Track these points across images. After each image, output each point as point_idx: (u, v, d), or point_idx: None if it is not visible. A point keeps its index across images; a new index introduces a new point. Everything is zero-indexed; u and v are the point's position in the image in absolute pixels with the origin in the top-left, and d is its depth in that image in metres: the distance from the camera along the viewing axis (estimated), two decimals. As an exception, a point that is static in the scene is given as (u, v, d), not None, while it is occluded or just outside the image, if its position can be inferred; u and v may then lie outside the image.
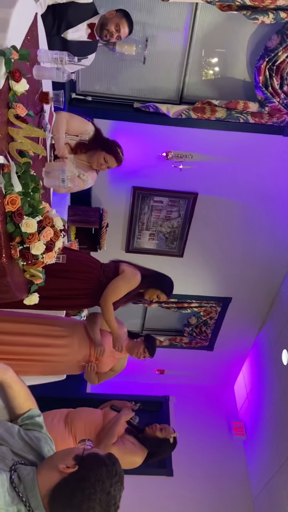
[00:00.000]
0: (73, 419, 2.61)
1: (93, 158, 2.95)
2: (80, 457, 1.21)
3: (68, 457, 1.22)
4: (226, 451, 5.81)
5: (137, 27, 3.30)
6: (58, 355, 2.58)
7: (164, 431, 2.74)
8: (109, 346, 2.68)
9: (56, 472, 1.18)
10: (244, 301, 5.38)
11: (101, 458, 1.23)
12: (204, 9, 3.39)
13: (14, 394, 1.43)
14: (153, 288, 2.70)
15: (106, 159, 2.93)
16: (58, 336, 2.61)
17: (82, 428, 2.56)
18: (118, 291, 2.56)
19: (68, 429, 2.54)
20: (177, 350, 6.01)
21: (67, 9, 2.58)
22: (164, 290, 2.72)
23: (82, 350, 2.65)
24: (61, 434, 2.49)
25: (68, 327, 2.69)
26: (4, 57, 1.47)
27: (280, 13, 3.17)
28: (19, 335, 2.51)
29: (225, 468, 5.63)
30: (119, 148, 2.99)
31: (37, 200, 1.72)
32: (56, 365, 2.65)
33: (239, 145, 4.02)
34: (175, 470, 5.46)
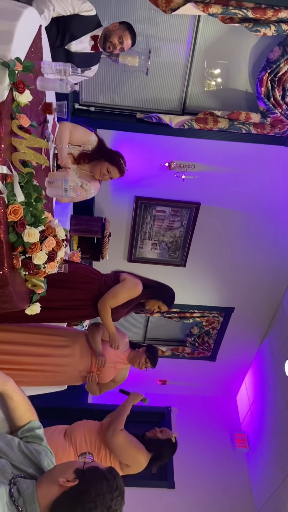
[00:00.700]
0: (72, 430, 2.59)
1: (96, 168, 2.96)
2: (80, 471, 1.19)
3: (68, 470, 1.20)
4: (229, 463, 5.74)
5: (140, 38, 3.34)
6: (59, 365, 2.57)
7: (165, 432, 2.74)
8: (110, 356, 2.67)
9: (56, 485, 1.17)
10: (247, 311, 5.36)
11: (102, 472, 1.21)
12: (206, 21, 3.42)
13: (14, 405, 1.41)
14: (154, 299, 2.69)
15: (109, 169, 2.95)
16: (59, 346, 2.60)
17: (82, 437, 2.54)
18: (117, 296, 2.55)
19: (68, 440, 2.52)
20: (179, 360, 5.98)
21: (70, 22, 2.61)
22: (166, 301, 2.71)
23: (83, 360, 2.63)
24: (61, 444, 2.48)
25: (70, 337, 2.68)
26: (8, 69, 1.48)
27: (282, 25, 3.20)
28: (20, 345, 2.51)
29: (227, 481, 5.56)
30: (122, 159, 3.00)
31: (40, 210, 1.72)
32: (57, 375, 2.64)
33: (241, 155, 4.03)
34: (177, 482, 5.39)
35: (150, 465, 2.65)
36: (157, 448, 2.64)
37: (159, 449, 2.65)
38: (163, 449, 2.67)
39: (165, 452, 2.69)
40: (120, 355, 2.78)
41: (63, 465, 1.26)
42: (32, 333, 2.59)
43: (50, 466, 1.34)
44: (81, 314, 2.67)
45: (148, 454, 2.63)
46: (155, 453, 2.64)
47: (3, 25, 1.61)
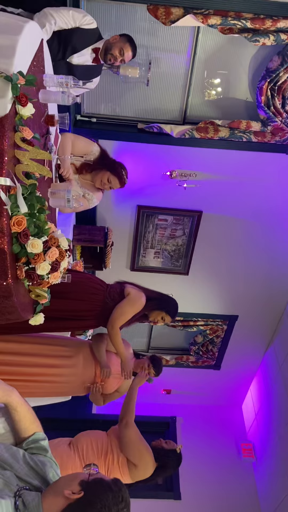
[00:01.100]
0: (77, 439, 2.58)
1: (96, 176, 2.98)
2: (85, 483, 1.19)
3: (74, 482, 1.20)
4: (235, 473, 5.68)
5: (140, 50, 3.38)
6: (63, 375, 2.56)
7: (169, 443, 2.73)
8: (114, 367, 2.66)
9: (61, 497, 1.16)
10: (251, 319, 5.34)
11: (107, 483, 1.21)
12: (206, 32, 3.46)
13: (19, 416, 1.41)
14: (157, 310, 2.69)
15: (109, 179, 2.97)
16: (63, 356, 2.60)
17: (88, 444, 2.52)
18: (124, 315, 2.55)
19: (73, 448, 2.51)
20: (183, 369, 5.94)
21: (72, 35, 2.64)
22: (169, 312, 2.71)
23: (87, 371, 2.63)
24: (66, 452, 2.46)
25: (73, 347, 2.68)
26: (11, 83, 1.50)
27: (281, 35, 3.23)
28: (23, 355, 2.50)
29: (234, 491, 5.49)
30: (124, 171, 3.03)
31: (43, 220, 1.73)
32: (61, 385, 2.63)
33: (242, 163, 4.05)
34: (183, 493, 5.34)
35: (156, 475, 2.63)
36: (161, 457, 2.63)
37: (164, 459, 2.63)
38: (167, 459, 2.65)
39: (169, 463, 2.67)
40: None
41: (68, 476, 1.25)
42: (35, 343, 2.58)
43: (55, 477, 1.33)
44: (85, 325, 2.67)
45: (154, 461, 2.61)
46: (160, 462, 2.62)
47: (6, 40, 1.63)
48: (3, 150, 1.49)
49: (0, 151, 1.48)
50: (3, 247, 1.55)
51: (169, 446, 2.71)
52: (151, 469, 2.58)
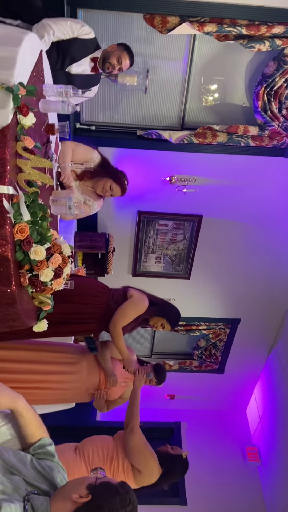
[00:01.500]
0: (83, 444, 2.58)
1: (98, 183, 3.00)
2: (93, 486, 1.20)
3: (81, 486, 1.21)
4: (241, 478, 5.65)
5: (137, 58, 3.42)
6: (67, 382, 2.57)
7: (176, 449, 2.72)
8: (118, 373, 2.67)
9: (69, 501, 1.17)
10: (253, 322, 5.34)
11: (114, 487, 1.22)
12: (202, 40, 3.51)
13: (25, 422, 1.42)
14: (158, 316, 2.70)
15: (112, 187, 3.00)
16: (67, 363, 2.61)
17: (94, 449, 2.52)
18: (127, 316, 2.56)
19: (79, 454, 2.51)
20: (187, 374, 5.94)
21: (70, 45, 2.68)
22: (170, 321, 2.71)
23: (91, 377, 2.64)
24: (72, 458, 2.46)
25: (77, 354, 2.69)
26: (12, 94, 1.54)
27: (276, 40, 3.28)
28: (28, 363, 2.51)
29: (240, 496, 5.47)
30: (126, 179, 3.06)
31: (45, 228, 1.76)
32: (65, 392, 2.64)
33: (241, 168, 4.08)
34: (189, 498, 5.31)
35: (161, 481, 2.62)
36: (167, 462, 2.62)
37: (169, 464, 2.62)
38: (173, 465, 2.64)
39: (176, 469, 2.65)
40: (127, 374, 2.78)
41: (76, 481, 1.27)
42: (39, 350, 2.60)
43: (63, 482, 1.34)
44: (89, 328, 2.69)
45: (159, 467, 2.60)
46: (166, 468, 2.61)
47: (6, 51, 1.67)
48: (6, 159, 1.51)
49: (2, 160, 1.51)
50: (6, 255, 1.57)
51: (175, 452, 2.70)
52: (156, 475, 2.57)
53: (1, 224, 1.53)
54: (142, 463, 2.50)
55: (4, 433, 1.42)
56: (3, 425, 1.43)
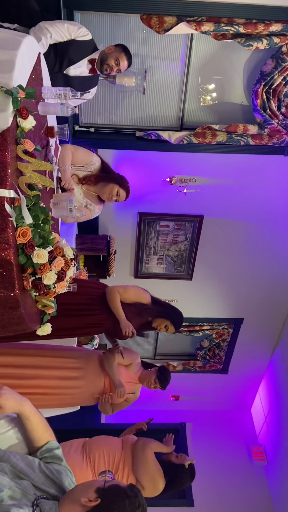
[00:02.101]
0: (90, 447, 2.56)
1: (104, 189, 3.00)
2: (101, 490, 1.19)
3: (90, 490, 1.20)
4: (247, 477, 5.63)
5: (135, 59, 3.41)
6: (72, 387, 2.56)
7: (180, 457, 2.70)
8: (122, 376, 2.66)
9: (78, 506, 1.16)
10: (257, 321, 5.33)
11: (123, 490, 1.21)
12: (199, 39, 3.50)
13: (32, 426, 1.41)
14: (162, 318, 2.70)
15: (119, 192, 3.01)
16: (71, 368, 2.59)
17: (100, 456, 2.51)
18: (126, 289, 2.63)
19: (86, 459, 2.49)
20: (191, 374, 5.92)
21: (68, 47, 2.68)
22: (174, 322, 2.71)
23: (96, 382, 2.62)
24: (78, 463, 2.45)
25: (82, 358, 2.67)
26: (12, 96, 1.53)
27: (274, 38, 3.27)
28: (32, 369, 2.50)
29: (247, 496, 5.44)
30: (127, 183, 3.08)
31: (47, 231, 1.75)
32: (70, 397, 2.63)
33: (241, 167, 4.07)
34: (196, 500, 5.29)
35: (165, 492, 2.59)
36: (169, 471, 2.59)
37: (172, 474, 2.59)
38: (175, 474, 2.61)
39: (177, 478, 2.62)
40: (133, 376, 2.77)
41: (84, 484, 1.26)
42: (44, 356, 2.58)
43: (71, 485, 1.33)
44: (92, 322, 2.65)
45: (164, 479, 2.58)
46: (169, 478, 2.59)
47: (4, 55, 1.66)
48: (6, 163, 1.51)
49: (3, 163, 1.50)
50: (9, 259, 1.56)
51: (179, 461, 2.67)
52: (160, 489, 2.56)
53: (3, 227, 1.52)
54: (148, 479, 2.49)
55: (11, 437, 1.41)
56: (10, 429, 1.42)
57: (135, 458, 2.49)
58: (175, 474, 2.58)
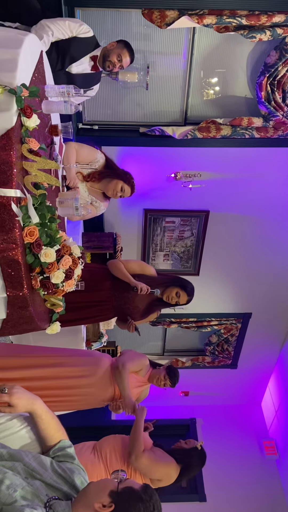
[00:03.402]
0: (101, 446, 2.57)
1: (109, 185, 2.99)
2: (115, 494, 1.18)
3: (103, 493, 1.19)
4: (259, 472, 5.63)
5: (137, 55, 3.39)
6: (81, 395, 2.55)
7: (189, 443, 2.71)
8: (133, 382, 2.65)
9: (92, 511, 1.16)
10: (265, 315, 5.31)
11: (137, 493, 1.20)
12: (201, 32, 3.47)
13: (44, 425, 1.42)
14: (172, 286, 2.68)
15: (123, 188, 3.00)
16: (80, 376, 2.55)
17: (111, 452, 2.51)
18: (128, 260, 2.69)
19: (97, 455, 2.50)
20: (200, 370, 5.92)
21: (69, 45, 2.67)
22: (184, 287, 2.70)
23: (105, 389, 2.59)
24: (90, 460, 2.45)
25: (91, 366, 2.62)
26: (15, 95, 1.52)
27: (277, 29, 3.23)
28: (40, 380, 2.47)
29: (259, 490, 5.44)
30: (132, 179, 3.06)
31: (54, 229, 1.75)
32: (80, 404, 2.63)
33: (246, 160, 4.04)
34: (208, 495, 5.30)
35: (181, 477, 2.60)
36: (183, 457, 2.60)
37: (186, 459, 2.61)
38: (190, 459, 2.63)
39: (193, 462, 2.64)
40: (142, 379, 2.77)
41: (97, 486, 1.24)
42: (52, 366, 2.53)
43: (83, 484, 1.33)
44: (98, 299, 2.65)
45: (177, 466, 2.59)
46: (183, 463, 2.60)
47: (7, 54, 1.66)
48: (12, 162, 1.50)
49: (8, 163, 1.50)
50: (17, 258, 1.56)
51: (190, 445, 2.69)
52: (175, 475, 2.56)
53: (10, 227, 1.52)
54: (159, 475, 2.50)
55: (24, 437, 1.41)
56: (22, 428, 1.42)
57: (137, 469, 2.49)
58: (189, 458, 2.60)
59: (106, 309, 2.73)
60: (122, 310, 2.66)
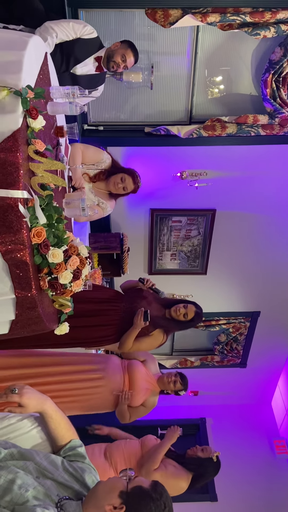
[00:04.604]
0: (112, 451, 2.58)
1: (110, 180, 2.98)
2: (125, 494, 1.18)
3: (113, 494, 1.18)
4: (270, 471, 5.59)
5: (141, 55, 3.38)
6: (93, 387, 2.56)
7: (206, 451, 2.69)
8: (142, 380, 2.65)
9: None
10: (273, 313, 5.28)
11: (147, 492, 1.19)
12: (205, 31, 3.47)
13: (55, 424, 1.42)
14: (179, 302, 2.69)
15: (123, 178, 2.95)
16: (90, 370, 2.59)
17: (121, 459, 2.52)
18: None
19: (108, 461, 2.50)
20: (209, 369, 5.90)
21: (74, 46, 2.68)
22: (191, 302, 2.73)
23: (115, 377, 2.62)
24: (102, 465, 2.46)
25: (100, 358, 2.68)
26: (21, 97, 1.53)
27: (281, 26, 3.22)
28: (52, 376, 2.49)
29: (271, 489, 5.41)
30: (137, 175, 3.04)
31: (61, 230, 1.75)
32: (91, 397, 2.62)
33: (253, 158, 4.03)
34: (219, 494, 5.28)
35: (192, 485, 2.60)
36: (197, 468, 2.59)
37: (199, 469, 2.59)
38: (203, 469, 2.61)
39: (206, 472, 2.62)
40: (151, 375, 2.77)
41: (107, 486, 1.24)
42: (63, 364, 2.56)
43: (94, 483, 1.33)
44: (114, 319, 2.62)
45: (188, 475, 2.58)
46: (196, 472, 2.58)
47: (12, 55, 1.66)
48: (18, 164, 1.51)
49: (15, 164, 1.50)
50: (25, 259, 1.57)
51: (205, 454, 2.66)
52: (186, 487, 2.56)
53: (18, 228, 1.53)
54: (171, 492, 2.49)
55: (35, 437, 1.42)
56: (33, 428, 1.43)
57: None
58: (203, 469, 2.59)
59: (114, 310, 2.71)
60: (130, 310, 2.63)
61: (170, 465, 2.56)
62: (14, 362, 2.49)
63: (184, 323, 2.66)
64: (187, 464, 2.59)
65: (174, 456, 2.64)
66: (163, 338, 2.67)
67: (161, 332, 2.65)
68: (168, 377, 2.77)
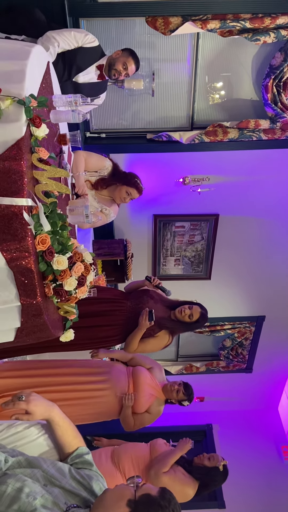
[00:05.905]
0: (119, 456, 2.56)
1: (115, 193, 3.02)
2: (133, 503, 1.16)
3: (121, 502, 1.16)
4: (279, 477, 5.54)
5: (142, 62, 3.41)
6: (98, 389, 2.56)
7: (212, 460, 2.66)
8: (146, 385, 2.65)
9: None
10: (279, 318, 5.26)
11: (155, 500, 1.18)
12: (205, 37, 3.49)
13: (62, 431, 1.42)
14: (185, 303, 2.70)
15: (128, 191, 3.02)
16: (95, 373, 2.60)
17: (129, 463, 2.50)
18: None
19: (116, 466, 2.49)
20: (215, 375, 5.87)
21: (75, 55, 2.70)
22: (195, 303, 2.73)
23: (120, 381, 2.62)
24: (109, 471, 2.45)
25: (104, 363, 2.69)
26: (24, 106, 1.54)
27: (281, 31, 3.24)
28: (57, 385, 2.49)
29: (279, 495, 5.35)
30: (138, 179, 3.06)
31: (66, 237, 1.76)
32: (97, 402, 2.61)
33: (255, 162, 4.03)
34: (227, 501, 5.23)
35: (199, 493, 2.57)
36: (203, 477, 2.56)
37: (205, 477, 2.57)
38: (210, 478, 2.58)
39: (212, 481, 2.59)
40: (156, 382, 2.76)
41: (115, 494, 1.22)
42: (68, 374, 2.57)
43: (102, 490, 1.32)
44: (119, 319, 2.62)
45: (195, 483, 2.55)
46: (202, 481, 2.56)
47: (15, 65, 1.68)
48: (22, 172, 1.52)
49: (19, 172, 1.51)
50: (30, 267, 1.57)
51: (212, 463, 2.63)
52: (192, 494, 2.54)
53: (22, 236, 1.54)
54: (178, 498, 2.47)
55: (42, 444, 1.41)
56: (40, 436, 1.42)
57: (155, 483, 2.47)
58: (209, 478, 2.56)
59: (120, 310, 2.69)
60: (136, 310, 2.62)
61: (179, 472, 2.55)
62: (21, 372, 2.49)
63: (189, 324, 2.65)
64: (193, 473, 2.57)
65: (182, 463, 2.62)
66: (168, 339, 2.66)
67: (166, 333, 2.65)
68: (171, 385, 2.76)
